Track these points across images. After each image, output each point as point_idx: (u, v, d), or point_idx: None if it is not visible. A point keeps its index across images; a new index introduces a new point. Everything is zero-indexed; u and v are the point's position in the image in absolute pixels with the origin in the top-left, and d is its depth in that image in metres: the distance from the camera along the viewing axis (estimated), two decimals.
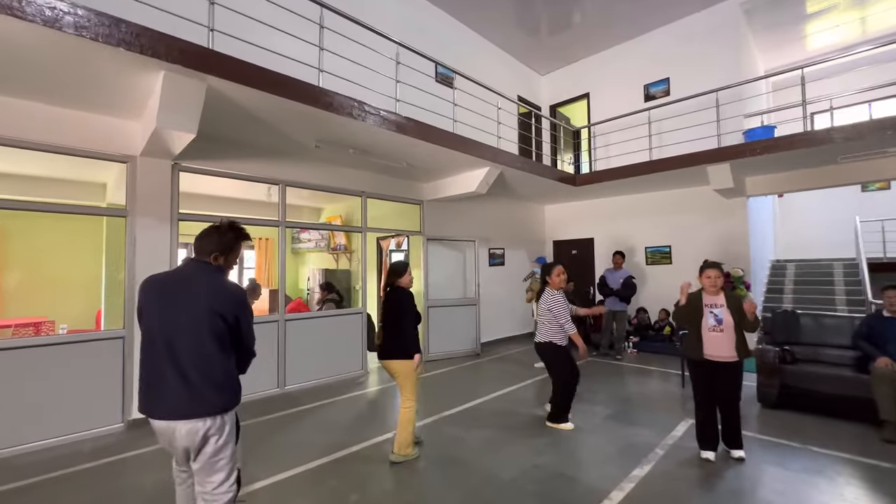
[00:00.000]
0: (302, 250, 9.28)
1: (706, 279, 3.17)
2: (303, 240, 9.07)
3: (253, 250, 9.02)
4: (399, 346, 3.22)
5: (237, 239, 1.93)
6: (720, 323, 3.04)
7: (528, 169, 6.13)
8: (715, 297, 3.16)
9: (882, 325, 3.61)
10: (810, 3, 7.33)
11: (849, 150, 5.16)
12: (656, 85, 7.68)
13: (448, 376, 5.61)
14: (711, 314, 3.09)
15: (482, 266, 7.53)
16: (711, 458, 3.06)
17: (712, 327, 3.06)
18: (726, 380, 3.06)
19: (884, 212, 8.86)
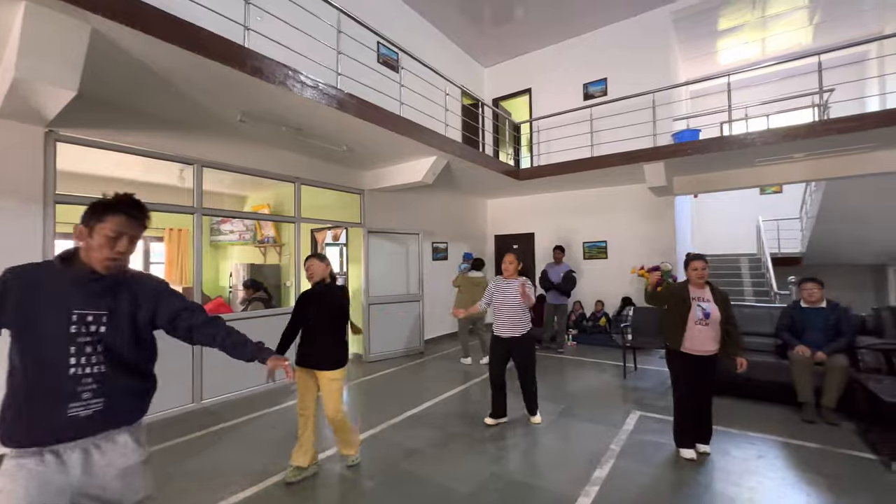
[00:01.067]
0: (223, 243, 8.27)
1: (693, 271, 3.05)
2: (224, 231, 8.07)
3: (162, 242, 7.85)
4: (336, 355, 2.83)
5: (103, 211, 1.30)
6: (707, 316, 2.95)
7: (476, 160, 5.93)
8: (702, 290, 3.06)
9: (801, 315, 3.92)
10: (722, 20, 7.99)
11: (765, 154, 5.63)
12: (595, 84, 7.89)
13: (391, 378, 5.25)
14: (699, 307, 2.97)
15: (426, 260, 7.23)
16: (694, 456, 2.98)
17: (699, 320, 2.95)
18: (705, 372, 3.01)
19: (776, 212, 10.03)
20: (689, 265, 3.10)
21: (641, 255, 7.32)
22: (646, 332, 5.27)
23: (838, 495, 2.48)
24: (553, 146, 7.76)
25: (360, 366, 5.83)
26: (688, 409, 3.04)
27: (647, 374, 5.22)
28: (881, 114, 4.59)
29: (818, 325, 3.79)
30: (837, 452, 3.01)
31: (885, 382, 3.13)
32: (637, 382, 4.87)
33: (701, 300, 3.02)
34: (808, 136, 4.91)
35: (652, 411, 3.94)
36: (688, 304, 3.01)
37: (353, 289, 6.32)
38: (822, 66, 5.33)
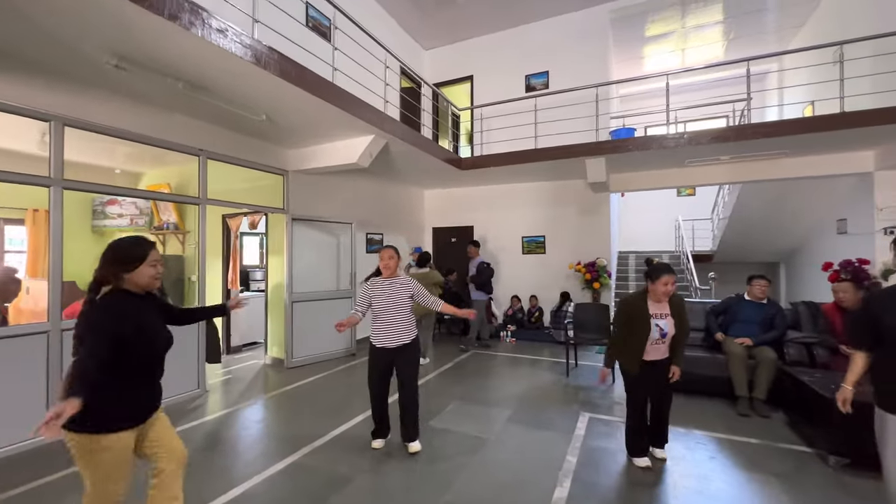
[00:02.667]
0: (109, 229, 6.86)
1: (662, 286, 2.65)
2: (110, 214, 6.68)
3: (24, 226, 6.28)
4: None
5: None
6: (664, 337, 2.69)
7: (418, 144, 5.42)
8: (661, 306, 2.74)
9: (739, 305, 4.02)
10: (652, 26, 8.32)
11: (696, 155, 5.85)
12: (537, 76, 7.78)
13: (317, 387, 4.60)
14: (657, 326, 2.67)
15: (359, 252, 6.60)
16: (649, 464, 2.79)
17: (656, 340, 2.69)
18: (663, 374, 2.79)
19: (690, 213, 10.84)
20: (657, 278, 2.67)
21: (579, 251, 7.38)
22: (587, 329, 5.20)
23: (795, 497, 2.43)
24: (495, 137, 7.50)
25: (279, 373, 5.08)
26: (642, 417, 2.83)
27: (587, 370, 5.15)
28: (802, 121, 4.91)
29: (756, 319, 3.92)
30: (779, 448, 3.04)
31: (818, 376, 3.23)
32: (580, 380, 4.76)
33: (659, 317, 2.71)
34: (737, 138, 5.13)
35: (599, 412, 3.79)
36: (647, 323, 2.67)
37: (274, 284, 5.52)
38: (730, 79, 5.63)
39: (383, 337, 3.02)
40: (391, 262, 3.06)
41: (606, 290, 7.19)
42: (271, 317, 5.55)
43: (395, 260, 3.12)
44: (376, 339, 3.06)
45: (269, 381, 4.82)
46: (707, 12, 7.72)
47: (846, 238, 6.38)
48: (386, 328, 3.02)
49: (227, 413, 3.83)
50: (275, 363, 5.42)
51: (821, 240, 7.27)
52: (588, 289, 7.18)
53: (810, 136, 5.01)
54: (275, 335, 5.48)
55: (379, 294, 3.06)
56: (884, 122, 4.55)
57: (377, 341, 3.05)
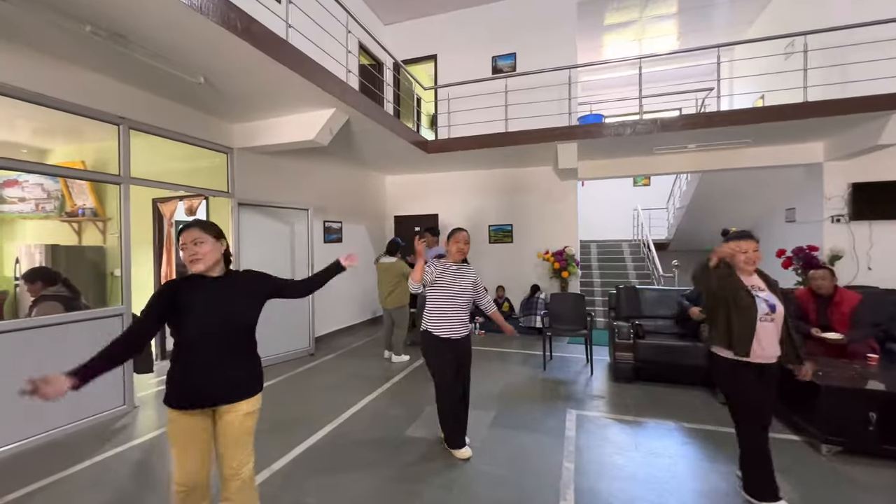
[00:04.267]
0: (9, 216, 5.74)
1: (743, 254, 2.26)
2: (8, 199, 5.58)
3: None
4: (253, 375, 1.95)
5: None
6: (773, 310, 2.21)
7: (384, 122, 4.93)
8: (751, 278, 2.31)
9: None
10: (614, 14, 8.29)
11: (665, 143, 5.82)
12: (504, 58, 7.47)
13: (274, 393, 4.06)
14: (760, 299, 2.21)
15: (317, 242, 6.01)
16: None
17: (765, 314, 2.20)
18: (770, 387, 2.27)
19: (645, 203, 11.11)
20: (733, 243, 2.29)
21: (547, 240, 7.24)
22: (563, 320, 5.02)
23: (804, 494, 2.32)
24: (461, 120, 7.12)
25: None
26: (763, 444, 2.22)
27: (563, 362, 4.99)
28: (769, 109, 4.96)
29: None
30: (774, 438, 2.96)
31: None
32: (557, 374, 4.57)
33: (759, 289, 2.27)
34: (707, 125, 5.12)
35: (585, 408, 3.60)
36: (747, 294, 2.22)
37: None
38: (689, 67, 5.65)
39: (450, 327, 2.75)
40: (466, 247, 2.86)
41: (574, 280, 7.12)
42: None
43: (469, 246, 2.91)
44: (441, 329, 2.75)
45: None
46: (664, 3, 7.78)
47: (794, 226, 6.69)
48: (454, 316, 2.76)
49: (161, 434, 3.22)
50: None
51: (770, 228, 7.62)
52: (556, 278, 7.07)
53: (771, 127, 5.11)
54: None
55: (448, 277, 2.77)
56: (845, 112, 4.69)
57: (443, 331, 2.75)
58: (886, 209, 5.62)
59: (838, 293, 3.73)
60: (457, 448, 2.77)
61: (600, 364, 4.89)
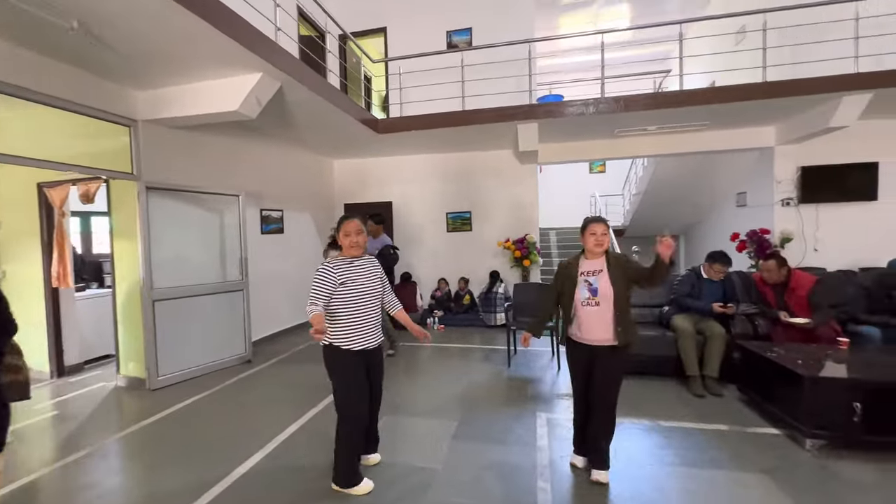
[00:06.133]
0: None
1: (591, 236, 2.32)
2: None
3: None
4: None
5: None
6: (595, 294, 2.27)
7: (325, 94, 4.29)
8: (594, 262, 2.35)
9: (700, 283, 3.78)
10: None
11: (626, 124, 5.62)
12: (459, 33, 6.96)
13: (200, 412, 3.41)
14: (586, 283, 2.31)
15: (252, 233, 5.29)
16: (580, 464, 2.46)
17: (586, 300, 2.30)
18: (603, 368, 2.30)
19: (601, 189, 11.15)
20: (586, 230, 2.37)
21: (506, 227, 6.91)
22: (528, 312, 4.70)
23: (799, 499, 2.09)
24: (413, 97, 6.55)
25: (139, 398, 3.74)
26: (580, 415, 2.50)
27: (528, 357, 4.68)
28: (730, 88, 4.84)
29: (717, 295, 3.72)
30: (751, 434, 2.79)
31: (778, 351, 3.04)
32: (524, 371, 4.25)
33: (589, 274, 2.33)
34: (669, 104, 4.94)
35: (555, 410, 3.28)
36: (574, 281, 2.37)
37: (125, 277, 4.05)
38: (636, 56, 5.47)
39: (364, 336, 2.27)
40: (605, 239, 2.35)
41: (535, 268, 6.87)
42: (124, 322, 4.08)
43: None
44: (353, 341, 2.24)
45: (123, 412, 3.49)
46: None
47: (746, 210, 6.78)
48: (366, 322, 2.28)
49: (46, 474, 2.53)
50: (133, 385, 4.01)
51: (721, 212, 7.75)
52: (518, 266, 6.78)
53: (727, 109, 5.02)
54: (130, 347, 4.04)
55: (351, 277, 2.25)
56: (803, 93, 4.64)
57: (355, 343, 2.24)
58: (832, 193, 5.77)
59: (793, 279, 3.65)
60: (355, 485, 2.25)
61: None
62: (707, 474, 2.35)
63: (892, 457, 2.43)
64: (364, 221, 2.32)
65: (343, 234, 2.27)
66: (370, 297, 2.28)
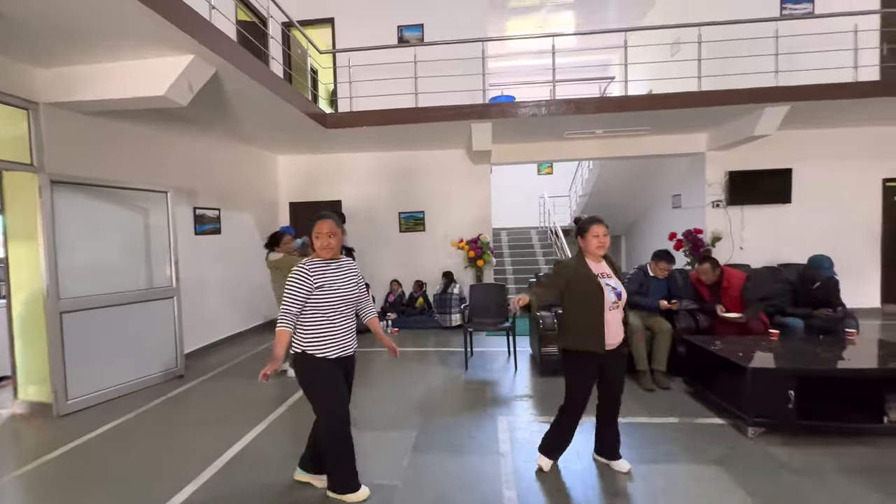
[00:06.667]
0: None
1: (594, 238, 2.26)
2: None
3: None
4: None
5: None
6: (620, 297, 2.27)
7: (267, 82, 3.96)
8: (600, 265, 2.31)
9: (647, 280, 3.92)
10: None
11: (575, 127, 5.77)
12: (411, 29, 6.80)
13: (118, 439, 2.97)
14: (608, 286, 2.23)
15: (185, 234, 4.79)
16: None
17: (613, 304, 2.22)
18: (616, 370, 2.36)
19: (548, 190, 11.45)
20: (587, 230, 2.29)
21: (461, 227, 6.87)
22: (484, 313, 4.66)
23: (749, 489, 2.18)
24: (363, 92, 6.30)
25: (44, 427, 3.20)
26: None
27: (485, 358, 4.64)
28: (670, 96, 5.10)
29: (663, 291, 3.88)
30: (699, 425, 2.91)
31: (719, 344, 3.21)
32: (481, 373, 4.19)
33: (606, 277, 2.29)
34: (617, 108, 5.13)
35: (515, 413, 3.25)
36: (597, 285, 2.22)
37: (23, 286, 3.47)
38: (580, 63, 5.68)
39: (341, 342, 2.11)
40: (607, 239, 2.27)
41: (489, 269, 6.88)
42: (23, 338, 3.50)
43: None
44: (330, 349, 2.07)
45: (21, 445, 2.97)
46: None
47: (680, 211, 7.26)
48: (344, 328, 2.12)
49: None
50: (35, 411, 3.44)
51: (658, 213, 8.25)
52: (472, 267, 6.75)
53: (666, 116, 5.31)
54: (32, 367, 3.47)
55: (328, 279, 2.07)
56: (734, 102, 4.99)
57: (332, 351, 2.08)
58: (755, 196, 6.31)
59: (726, 278, 3.91)
60: (354, 490, 2.15)
61: (523, 356, 4.64)
62: (663, 469, 2.40)
63: (823, 439, 2.63)
64: (337, 221, 2.12)
65: (314, 236, 2.08)
66: (348, 301, 2.11)
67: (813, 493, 2.14)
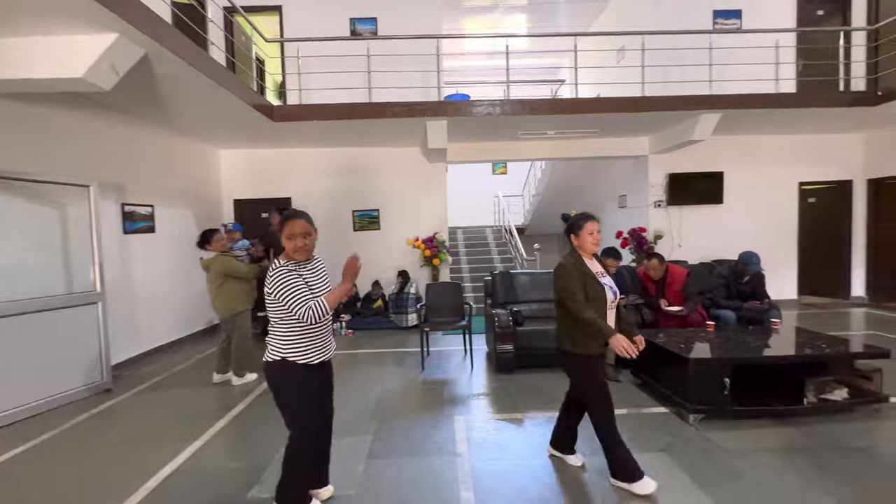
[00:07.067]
0: None
1: (588, 235, 2.17)
2: None
3: None
4: None
5: None
6: (616, 296, 2.23)
7: (205, 70, 3.66)
8: (593, 263, 2.24)
9: None
10: None
11: (529, 127, 5.88)
12: (364, 22, 6.62)
13: (28, 465, 2.62)
14: (607, 286, 2.18)
15: (110, 233, 4.35)
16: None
17: (611, 302, 2.19)
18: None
19: (503, 190, 11.64)
20: (583, 227, 2.17)
21: (416, 226, 6.80)
22: (442, 312, 4.62)
23: (693, 475, 2.29)
24: (314, 84, 6.03)
25: None
26: None
27: (441, 358, 4.61)
28: (619, 99, 5.32)
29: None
30: (646, 415, 3.05)
31: (663, 337, 3.38)
32: (438, 373, 4.15)
33: (603, 275, 2.24)
34: (569, 110, 5.28)
35: (472, 411, 3.24)
36: (599, 283, 2.15)
37: None
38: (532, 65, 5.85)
39: (322, 347, 1.98)
40: (309, 241, 1.94)
41: (445, 267, 6.87)
42: None
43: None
44: (311, 354, 1.93)
45: None
46: None
47: (626, 211, 7.63)
48: (325, 332, 2.00)
49: None
50: None
51: (606, 213, 8.61)
52: (427, 265, 6.70)
53: (613, 120, 5.54)
54: None
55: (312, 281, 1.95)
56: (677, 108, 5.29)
57: (313, 356, 1.94)
58: (692, 196, 6.76)
59: (669, 274, 4.15)
60: None
61: (479, 353, 4.65)
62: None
63: (754, 422, 2.84)
64: (310, 219, 1.96)
65: (286, 237, 1.88)
66: None
67: (748, 472, 2.30)
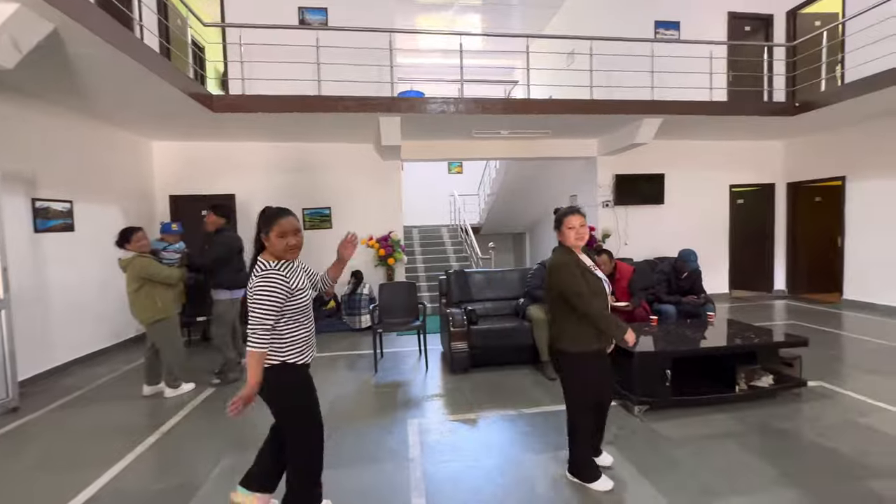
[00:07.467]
0: None
1: (570, 230, 2.09)
2: None
3: None
4: None
5: None
6: (612, 293, 2.27)
7: (129, 50, 3.32)
8: (585, 258, 2.18)
9: None
10: None
11: (482, 126, 5.90)
12: (314, 12, 6.36)
13: None
14: (604, 280, 2.16)
15: (19, 231, 3.85)
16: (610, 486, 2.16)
17: (610, 296, 2.18)
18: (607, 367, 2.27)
19: (458, 190, 11.68)
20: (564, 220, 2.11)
21: (370, 225, 6.63)
22: (395, 313, 4.52)
23: (637, 463, 2.37)
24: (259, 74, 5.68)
25: None
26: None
27: (396, 359, 4.51)
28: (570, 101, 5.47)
29: None
30: None
31: None
32: (392, 375, 4.06)
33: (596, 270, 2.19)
34: (521, 110, 5.36)
35: (426, 413, 3.18)
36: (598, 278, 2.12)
37: None
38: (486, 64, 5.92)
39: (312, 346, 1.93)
40: (300, 237, 1.81)
41: (400, 267, 6.76)
42: None
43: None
44: (306, 355, 1.86)
45: None
46: None
47: None
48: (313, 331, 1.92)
49: None
50: None
51: None
52: (382, 265, 6.56)
53: (564, 121, 5.70)
54: None
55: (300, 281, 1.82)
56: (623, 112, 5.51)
57: (307, 356, 1.86)
58: (636, 197, 7.10)
59: (618, 270, 4.33)
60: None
61: (434, 353, 4.60)
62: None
63: (693, 411, 3.00)
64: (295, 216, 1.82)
65: (277, 235, 1.71)
66: (310, 298, 1.88)
67: (688, 459, 2.41)
